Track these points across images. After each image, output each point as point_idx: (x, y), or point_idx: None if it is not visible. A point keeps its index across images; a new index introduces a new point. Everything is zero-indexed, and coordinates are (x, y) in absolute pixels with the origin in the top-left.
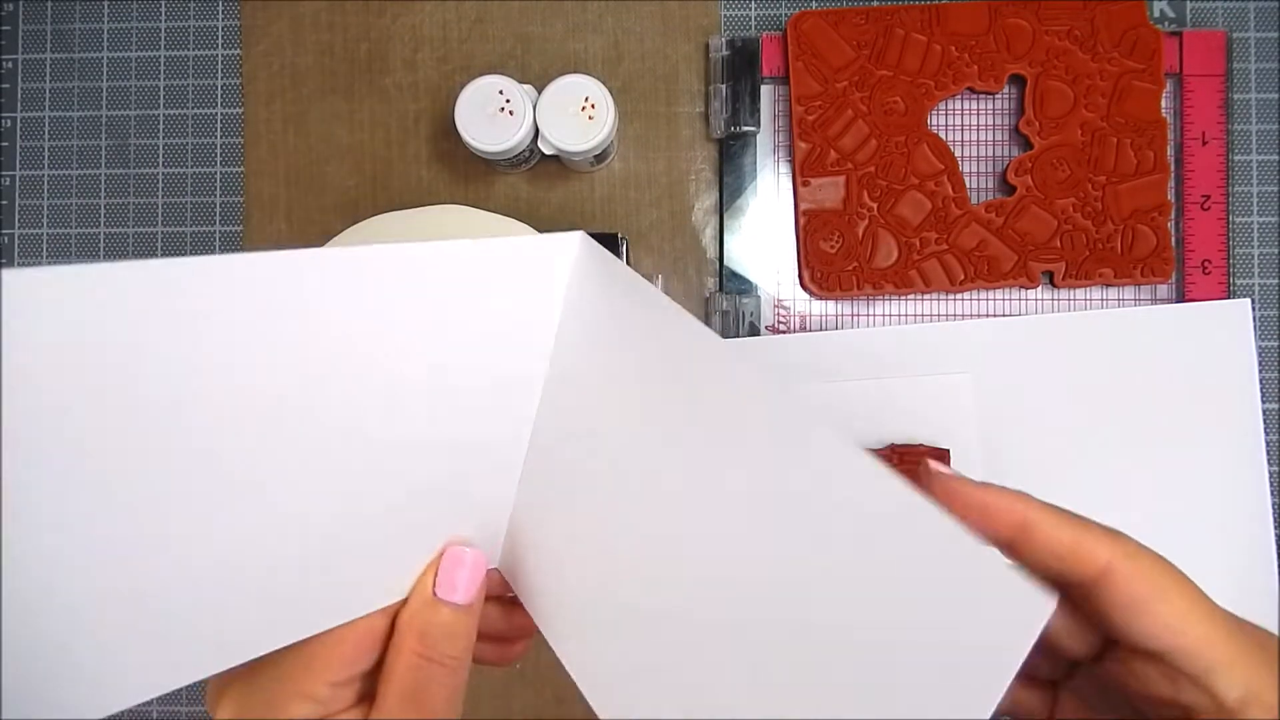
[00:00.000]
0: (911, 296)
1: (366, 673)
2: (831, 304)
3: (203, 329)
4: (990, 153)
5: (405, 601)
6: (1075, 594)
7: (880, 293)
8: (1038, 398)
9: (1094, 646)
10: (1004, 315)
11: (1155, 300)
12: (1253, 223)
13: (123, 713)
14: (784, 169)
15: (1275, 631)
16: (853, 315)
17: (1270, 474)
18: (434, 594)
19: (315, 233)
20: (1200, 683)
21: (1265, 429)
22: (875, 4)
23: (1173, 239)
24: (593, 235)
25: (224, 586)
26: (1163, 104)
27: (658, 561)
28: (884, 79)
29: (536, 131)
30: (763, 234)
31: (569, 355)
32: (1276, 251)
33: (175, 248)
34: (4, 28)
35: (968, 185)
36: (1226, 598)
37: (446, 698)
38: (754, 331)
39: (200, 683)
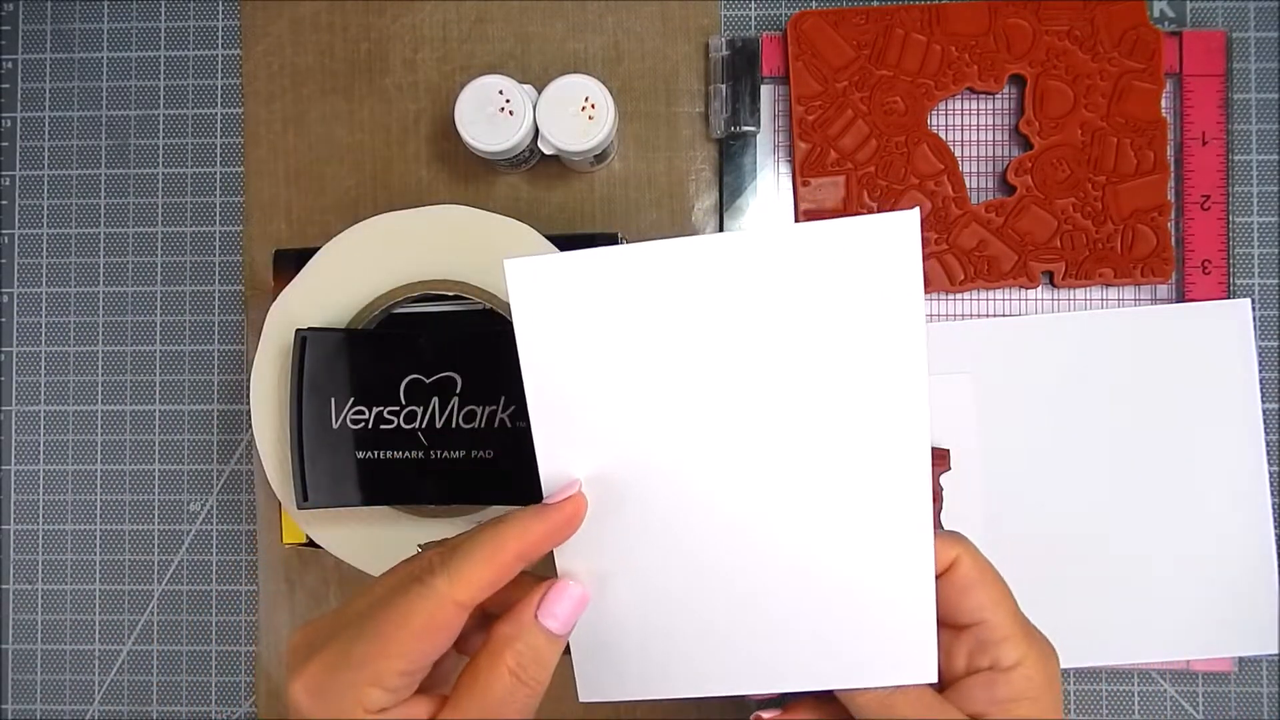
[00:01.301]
0: None
1: (431, 665)
2: None
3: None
4: (990, 153)
5: (503, 615)
6: None
7: None
8: (1038, 398)
9: None
10: (1004, 315)
11: (1155, 300)
12: (1253, 223)
13: (126, 711)
14: (784, 169)
15: (1274, 629)
16: None
17: (1270, 474)
18: (536, 617)
19: (315, 233)
20: (992, 650)
21: (1265, 429)
22: (875, 4)
23: (1173, 239)
24: (593, 235)
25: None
26: (1163, 104)
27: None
28: (884, 79)
29: (536, 131)
30: None
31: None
32: (1276, 251)
33: (175, 248)
34: (4, 28)
35: (968, 185)
36: (1227, 597)
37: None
38: None
39: (199, 680)
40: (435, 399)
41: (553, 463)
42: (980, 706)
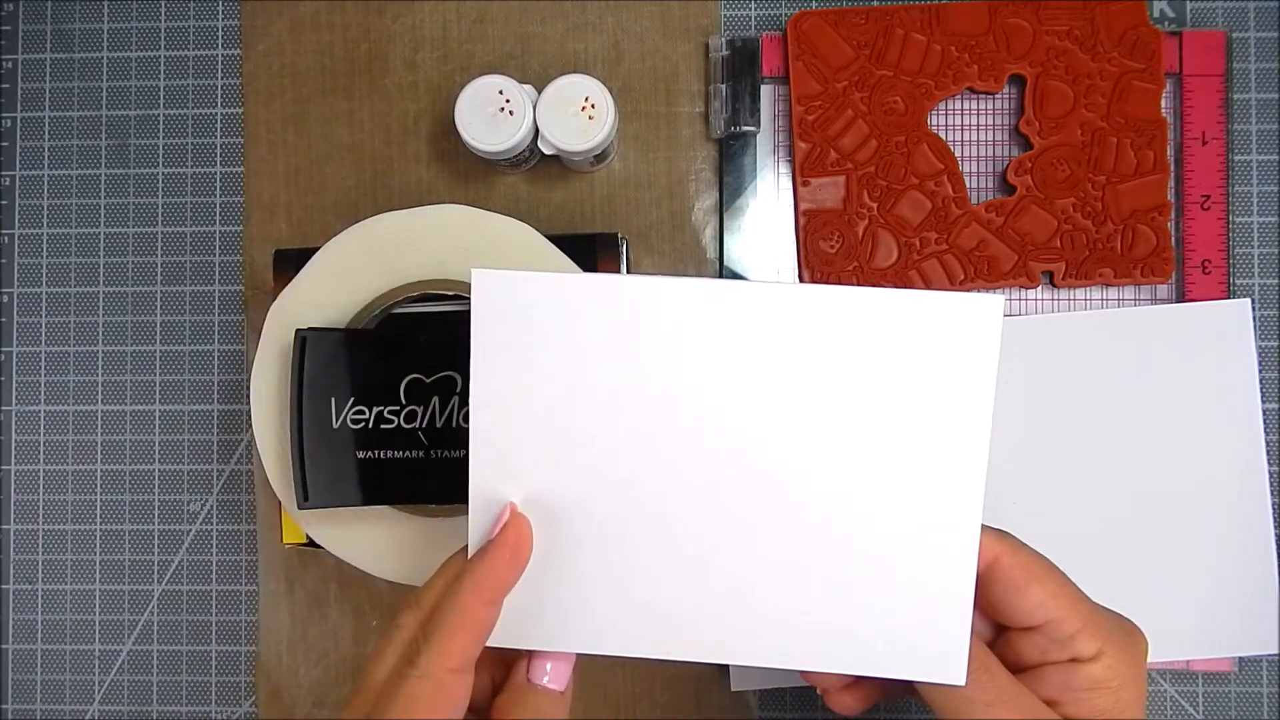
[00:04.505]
0: None
1: None
2: None
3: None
4: (990, 153)
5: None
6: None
7: None
8: (1038, 397)
9: (987, 636)
10: (1004, 315)
11: (1155, 300)
12: (1253, 223)
13: (126, 712)
14: (784, 169)
15: (1274, 629)
16: None
17: (1270, 474)
18: (527, 679)
19: (315, 233)
20: (1067, 646)
21: (1265, 429)
22: (875, 4)
23: (1173, 239)
24: (593, 235)
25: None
26: (1163, 104)
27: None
28: (884, 79)
29: (536, 131)
30: (763, 234)
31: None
32: (1276, 251)
33: (175, 248)
34: (4, 28)
35: (968, 185)
36: (1227, 597)
37: None
38: None
39: (199, 680)
40: (435, 399)
41: (485, 478)
42: (1055, 692)
